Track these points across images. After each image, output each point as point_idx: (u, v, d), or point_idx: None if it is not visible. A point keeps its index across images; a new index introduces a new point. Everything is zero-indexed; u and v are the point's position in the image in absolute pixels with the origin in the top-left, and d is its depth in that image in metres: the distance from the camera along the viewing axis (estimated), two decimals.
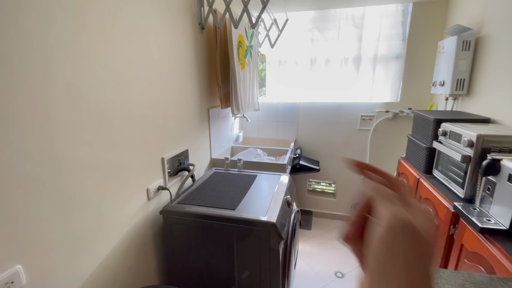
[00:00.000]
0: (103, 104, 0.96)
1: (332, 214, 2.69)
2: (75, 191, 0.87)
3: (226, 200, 1.30)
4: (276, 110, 2.55)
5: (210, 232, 1.21)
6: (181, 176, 1.55)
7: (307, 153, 2.60)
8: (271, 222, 1.11)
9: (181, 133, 1.52)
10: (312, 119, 2.49)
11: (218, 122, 2.05)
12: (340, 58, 2.24)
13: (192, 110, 1.64)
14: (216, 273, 1.26)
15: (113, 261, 1.06)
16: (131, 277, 1.17)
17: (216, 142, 2.04)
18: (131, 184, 1.14)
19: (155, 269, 1.34)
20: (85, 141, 0.90)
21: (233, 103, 1.80)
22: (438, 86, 1.84)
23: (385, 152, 2.40)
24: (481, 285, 0.69)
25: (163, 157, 1.35)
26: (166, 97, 1.35)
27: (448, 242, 1.22)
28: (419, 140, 1.71)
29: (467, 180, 1.19)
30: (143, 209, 1.24)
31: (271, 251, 1.15)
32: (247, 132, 2.69)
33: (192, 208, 1.23)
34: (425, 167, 1.59)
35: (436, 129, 1.51)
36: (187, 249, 1.27)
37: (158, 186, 1.32)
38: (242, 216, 1.15)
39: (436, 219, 1.33)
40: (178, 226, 1.25)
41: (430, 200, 1.42)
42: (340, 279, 1.91)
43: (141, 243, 1.23)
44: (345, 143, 2.47)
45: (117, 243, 1.08)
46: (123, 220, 1.10)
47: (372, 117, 2.34)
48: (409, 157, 1.83)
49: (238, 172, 1.70)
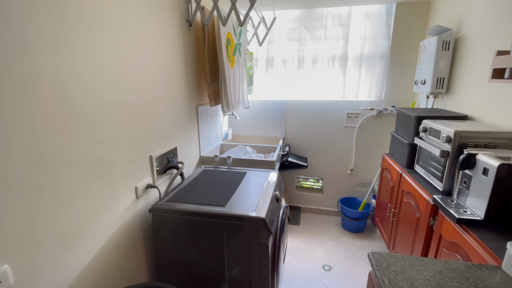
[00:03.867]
0: (89, 101, 0.95)
1: (320, 209, 2.75)
2: (62, 189, 0.86)
3: (216, 197, 1.31)
4: (265, 108, 2.57)
5: (200, 229, 1.22)
6: (170, 174, 1.54)
7: (296, 150, 2.64)
8: (260, 218, 1.13)
9: (170, 131, 1.51)
10: (300, 116, 2.53)
11: (207, 120, 2.05)
12: (327, 57, 2.28)
13: (181, 107, 1.63)
14: (206, 270, 1.27)
15: (103, 260, 1.05)
16: (120, 275, 1.16)
17: (205, 140, 2.04)
18: (119, 182, 1.13)
19: (145, 267, 1.34)
20: (71, 138, 0.88)
21: (223, 101, 1.81)
22: (419, 84, 1.92)
23: (370, 149, 2.47)
24: (457, 272, 0.74)
25: (151, 155, 1.34)
26: (154, 94, 1.34)
27: (428, 233, 1.29)
28: (401, 136, 1.77)
29: (445, 174, 1.25)
30: (132, 207, 1.23)
31: (260, 246, 1.17)
32: (236, 130, 2.70)
33: (182, 206, 1.24)
34: (407, 162, 1.65)
35: (418, 126, 1.58)
36: (177, 247, 1.27)
37: (147, 184, 1.31)
38: (231, 213, 1.17)
39: (417, 212, 1.40)
40: (168, 224, 1.25)
41: (411, 193, 1.48)
42: (328, 272, 1.97)
43: (130, 242, 1.22)
44: (332, 140, 2.53)
45: (106, 242, 1.07)
46: (111, 219, 1.09)
47: (357, 115, 2.41)
48: (393, 153, 1.90)
49: (228, 169, 1.71)
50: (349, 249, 2.22)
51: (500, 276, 0.72)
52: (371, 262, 0.78)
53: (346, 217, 2.41)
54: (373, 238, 2.37)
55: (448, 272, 0.73)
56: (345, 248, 2.24)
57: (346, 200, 2.60)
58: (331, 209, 2.72)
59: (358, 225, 2.41)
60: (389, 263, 0.77)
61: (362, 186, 2.60)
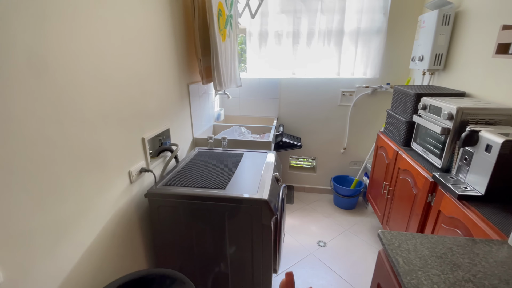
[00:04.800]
0: (72, 78, 0.84)
1: (313, 188, 2.78)
2: (49, 176, 0.77)
3: (215, 180, 1.26)
4: (258, 87, 2.48)
5: (200, 212, 1.17)
6: (163, 157, 1.47)
7: (289, 130, 2.60)
8: (263, 199, 1.10)
9: (161, 111, 1.42)
10: (294, 95, 2.46)
11: (199, 99, 1.95)
12: (323, 32, 2.19)
13: (172, 85, 1.52)
14: (207, 252, 1.25)
15: (98, 249, 1.00)
16: (118, 263, 1.12)
17: (198, 121, 1.95)
18: (111, 167, 1.05)
19: (142, 253, 1.30)
20: (54, 120, 0.78)
21: (215, 78, 1.70)
22: (417, 61, 1.89)
23: (364, 127, 2.47)
24: (467, 248, 0.74)
25: (143, 137, 1.25)
26: (143, 70, 1.22)
27: (425, 209, 1.32)
28: (398, 114, 1.76)
29: (445, 151, 1.26)
30: (126, 193, 1.16)
31: (263, 227, 1.15)
32: (228, 110, 2.61)
33: (180, 190, 1.18)
34: (404, 140, 1.66)
35: (416, 103, 1.56)
36: (175, 231, 1.23)
37: (141, 168, 1.24)
38: (233, 195, 1.13)
39: (415, 189, 1.42)
40: (165, 208, 1.19)
41: (408, 171, 1.50)
42: (323, 248, 2.02)
43: (126, 228, 1.16)
44: (326, 119, 2.50)
45: (101, 230, 1.01)
46: (106, 205, 1.03)
47: (352, 93, 2.37)
48: (388, 131, 1.90)
49: (223, 151, 1.66)
50: (342, 225, 2.28)
51: (507, 250, 0.73)
52: (382, 242, 0.78)
53: (339, 195, 2.45)
54: (364, 214, 2.45)
55: (458, 248, 0.74)
56: (338, 224, 2.30)
57: (338, 178, 2.63)
58: (324, 187, 2.76)
59: (350, 202, 2.47)
60: (400, 241, 0.77)
61: (354, 165, 2.63)
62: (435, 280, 0.63)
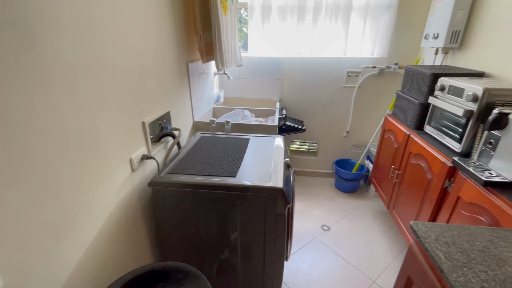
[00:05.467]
0: (63, 52, 0.71)
1: (314, 172, 2.74)
2: (43, 167, 0.67)
3: (223, 167, 1.17)
4: (259, 66, 2.34)
5: (209, 202, 1.10)
6: (164, 142, 1.36)
7: (291, 113, 2.50)
8: (278, 188, 1.03)
9: (161, 93, 1.29)
10: (297, 76, 2.34)
11: (198, 80, 1.81)
12: (331, 6, 2.03)
13: (171, 64, 1.38)
14: (216, 243, 1.19)
15: (102, 243, 0.91)
16: (123, 257, 1.04)
17: (198, 103, 1.83)
18: (111, 154, 0.94)
19: (148, 245, 1.23)
20: (47, 104, 0.66)
21: (217, 56, 1.56)
22: (430, 39, 1.79)
23: (368, 110, 2.40)
24: (508, 240, 0.70)
25: (143, 121, 1.14)
26: (140, 46, 1.08)
27: (441, 194, 1.28)
28: (410, 96, 1.69)
29: (465, 135, 1.20)
30: (128, 182, 1.06)
31: (277, 216, 1.09)
32: (228, 92, 2.47)
33: (187, 178, 1.09)
34: (416, 123, 1.59)
35: (432, 84, 1.48)
36: (182, 221, 1.16)
37: (142, 155, 1.13)
38: (245, 183, 1.05)
39: (429, 174, 1.37)
40: (171, 198, 1.11)
41: (422, 155, 1.44)
42: (327, 232, 2.00)
43: (130, 220, 1.08)
44: (329, 101, 2.41)
45: (104, 223, 0.92)
46: (107, 197, 0.93)
47: (358, 74, 2.27)
48: (398, 114, 1.83)
49: (227, 135, 1.56)
50: (345, 209, 2.27)
51: None
52: (416, 234, 0.72)
53: (341, 179, 2.42)
54: (366, 197, 2.44)
55: (500, 240, 0.69)
56: (340, 208, 2.28)
57: (340, 162, 2.59)
58: (325, 171, 2.72)
59: (352, 185, 2.44)
60: (437, 234, 0.71)
61: (357, 148, 2.59)
62: (483, 277, 0.58)
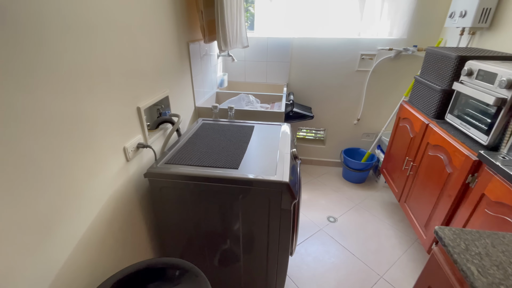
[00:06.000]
0: (36, 20, 0.60)
1: (321, 160, 2.64)
2: (22, 159, 0.58)
3: (225, 158, 1.09)
4: (266, 48, 2.19)
5: (209, 195, 1.02)
6: (163, 129, 1.27)
7: (299, 98, 2.37)
8: (284, 182, 0.94)
9: (158, 74, 1.18)
10: (307, 58, 2.19)
11: (200, 62, 1.69)
12: None
13: (170, 43, 1.27)
14: (217, 237, 1.12)
15: (94, 239, 0.85)
16: (119, 252, 0.98)
17: (199, 87, 1.72)
18: (102, 143, 0.86)
19: (146, 239, 1.17)
20: (20, 86, 0.57)
21: (220, 35, 1.43)
22: (457, 17, 1.61)
23: (382, 96, 2.25)
24: None
25: (138, 106, 1.04)
26: (135, 22, 0.97)
27: (462, 190, 1.17)
28: (431, 81, 1.54)
29: (495, 126, 1.07)
30: (123, 172, 0.98)
31: (282, 211, 1.01)
32: (232, 75, 2.34)
33: (185, 169, 1.01)
34: (436, 112, 1.46)
35: (458, 68, 1.33)
36: (182, 215, 1.09)
37: (138, 144, 1.05)
38: (249, 177, 0.96)
39: (449, 167, 1.26)
40: (169, 190, 1.03)
41: (442, 147, 1.33)
42: (333, 223, 1.94)
43: (125, 213, 1.01)
44: (341, 86, 2.26)
45: (95, 217, 0.85)
46: (99, 189, 0.86)
47: (372, 56, 2.11)
48: (415, 101, 1.69)
49: (230, 123, 1.46)
50: (352, 200, 2.18)
51: None
52: (443, 242, 0.63)
53: (349, 168, 2.32)
54: (375, 188, 2.34)
55: None
56: (348, 199, 2.20)
57: (348, 151, 2.48)
58: (332, 160, 2.62)
59: (360, 175, 2.34)
60: (467, 242, 0.62)
61: (367, 137, 2.46)
62: None
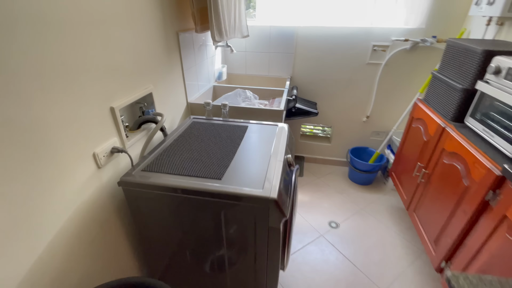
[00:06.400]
0: None
1: (326, 159, 2.49)
2: None
3: (209, 165, 0.97)
4: (269, 38, 2.02)
5: (188, 208, 0.91)
6: (147, 129, 1.16)
7: (304, 93, 2.21)
8: (271, 198, 0.82)
9: (138, 69, 1.07)
10: (313, 49, 2.01)
11: (193, 53, 1.56)
12: None
13: (153, 33, 1.14)
14: (200, 255, 1.03)
15: (54, 258, 0.77)
16: (90, 270, 0.90)
17: (193, 81, 1.59)
18: (62, 150, 0.76)
19: (127, 252, 1.07)
20: None
21: (213, 24, 1.29)
22: (483, 4, 1.39)
23: (395, 92, 2.06)
24: None
25: (112, 106, 0.93)
26: (106, 9, 0.84)
27: (480, 208, 1.02)
28: (451, 78, 1.36)
29: None
30: (94, 180, 0.89)
31: (270, 230, 0.89)
32: (232, 68, 2.20)
33: (162, 178, 0.90)
34: (455, 114, 1.29)
35: (484, 64, 1.15)
36: (161, 228, 0.99)
37: (112, 148, 0.95)
38: (230, 190, 0.84)
39: (466, 180, 1.10)
40: (145, 201, 0.93)
41: (459, 155, 1.16)
42: (335, 229, 1.81)
43: (99, 224, 0.92)
44: (349, 80, 2.08)
45: (56, 234, 0.76)
46: (60, 203, 0.76)
47: (386, 48, 1.91)
48: (431, 100, 1.51)
49: (223, 122, 1.33)
50: (357, 204, 2.05)
51: None
52: None
53: (356, 169, 2.16)
54: (382, 191, 2.19)
55: None
56: (352, 202, 2.07)
57: (356, 150, 2.32)
58: (338, 159, 2.47)
59: (367, 177, 2.19)
60: None
61: (377, 135, 2.29)
62: None
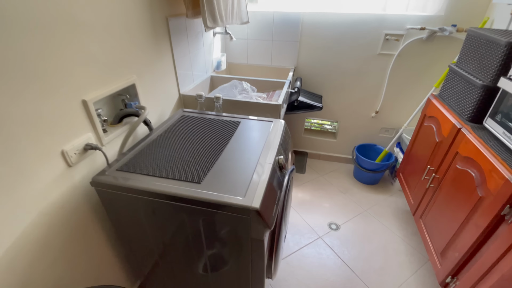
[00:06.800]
0: None
1: (330, 156, 2.37)
2: None
3: (190, 167, 0.88)
4: (272, 24, 1.88)
5: (165, 214, 0.83)
6: (129, 124, 1.08)
7: (309, 85, 2.07)
8: (253, 208, 0.73)
9: (117, 58, 0.97)
10: (319, 38, 1.85)
11: (187, 40, 1.45)
12: None
13: (137, 18, 1.04)
14: (181, 262, 0.96)
15: (15, 268, 0.71)
16: (68, 279, 0.85)
17: (187, 70, 1.49)
18: (25, 148, 0.68)
19: (109, 255, 1.01)
20: None
21: (205, 8, 1.17)
22: None
23: (408, 86, 1.89)
24: None
25: (84, 99, 0.85)
26: None
27: (494, 223, 0.90)
28: (470, 73, 1.20)
29: None
30: (64, 180, 0.82)
31: (252, 241, 0.80)
32: (232, 57, 2.08)
33: (135, 180, 0.82)
34: (472, 113, 1.14)
35: (508, 59, 1.00)
36: (139, 232, 0.92)
37: (85, 145, 0.87)
38: (207, 197, 0.75)
39: (481, 190, 0.97)
40: (119, 202, 0.86)
41: (474, 160, 1.03)
42: (335, 232, 1.72)
43: (72, 227, 0.86)
44: (358, 72, 1.93)
45: (16, 239, 0.70)
46: (22, 205, 0.70)
47: (399, 37, 1.73)
48: (447, 96, 1.36)
49: (215, 116, 1.24)
50: (361, 205, 1.94)
51: None
52: None
53: (361, 168, 2.04)
54: (389, 191, 2.06)
55: None
56: (355, 202, 1.96)
57: (363, 147, 2.19)
58: (343, 156, 2.34)
59: (373, 176, 2.07)
60: None
61: (386, 132, 2.14)
62: None
